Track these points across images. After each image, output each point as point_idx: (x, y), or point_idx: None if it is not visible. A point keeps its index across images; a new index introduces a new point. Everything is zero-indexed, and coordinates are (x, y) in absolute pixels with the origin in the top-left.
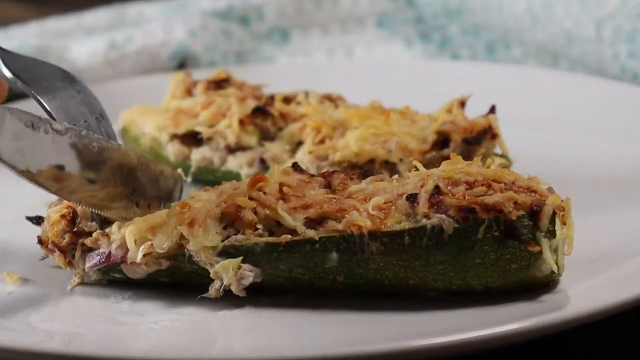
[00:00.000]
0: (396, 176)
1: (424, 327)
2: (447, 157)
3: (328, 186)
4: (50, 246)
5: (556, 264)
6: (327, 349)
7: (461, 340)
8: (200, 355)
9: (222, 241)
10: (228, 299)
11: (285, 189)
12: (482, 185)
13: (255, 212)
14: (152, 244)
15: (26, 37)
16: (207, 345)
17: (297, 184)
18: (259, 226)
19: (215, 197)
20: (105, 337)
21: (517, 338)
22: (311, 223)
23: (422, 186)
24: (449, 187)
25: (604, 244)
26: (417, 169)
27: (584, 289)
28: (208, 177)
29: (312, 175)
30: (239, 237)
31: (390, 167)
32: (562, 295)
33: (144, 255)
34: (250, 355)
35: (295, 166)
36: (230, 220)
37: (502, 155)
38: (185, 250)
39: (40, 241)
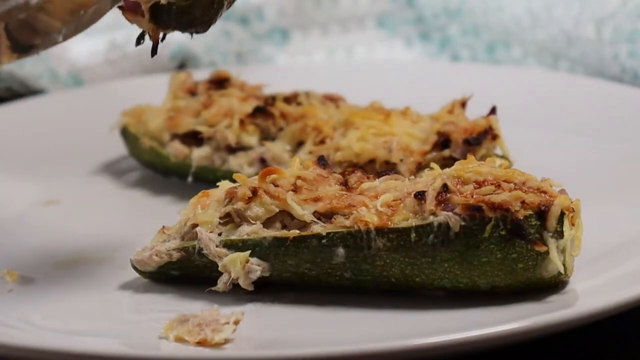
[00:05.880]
0: (412, 176)
1: (429, 325)
2: (448, 158)
3: (345, 184)
4: None
5: (564, 265)
6: (332, 347)
7: (459, 339)
8: (201, 353)
9: (227, 227)
10: (231, 298)
11: (299, 182)
12: (492, 184)
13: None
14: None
15: None
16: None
17: (314, 178)
18: (260, 210)
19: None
20: (106, 335)
21: (516, 337)
22: (320, 218)
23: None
24: (457, 186)
25: (605, 243)
26: (419, 170)
27: (587, 288)
28: (208, 177)
29: (332, 172)
30: (247, 230)
31: (391, 168)
32: (566, 296)
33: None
34: (253, 354)
35: (320, 160)
36: (230, 201)
37: (503, 156)
38: (196, 243)
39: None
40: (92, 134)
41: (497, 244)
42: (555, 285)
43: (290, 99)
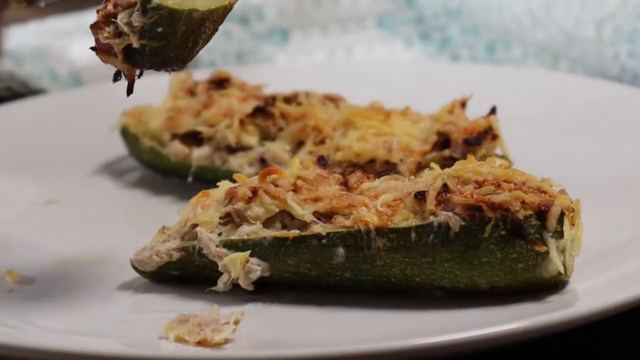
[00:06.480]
0: (412, 176)
1: (429, 325)
2: (448, 158)
3: (345, 184)
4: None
5: (564, 265)
6: (332, 347)
7: (459, 339)
8: (201, 353)
9: (227, 227)
10: (231, 298)
11: (299, 182)
12: (492, 184)
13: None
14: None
15: (26, 37)
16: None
17: (314, 178)
18: (260, 210)
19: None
20: (106, 335)
21: (516, 337)
22: (320, 218)
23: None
24: (458, 186)
25: (605, 243)
26: (419, 170)
27: (587, 288)
28: (208, 177)
29: (332, 172)
30: (247, 230)
31: (391, 168)
32: (566, 296)
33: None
34: (253, 354)
35: (320, 160)
36: (230, 201)
37: (503, 156)
38: (196, 243)
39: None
40: (92, 134)
41: (497, 244)
42: (555, 285)
43: (290, 99)
